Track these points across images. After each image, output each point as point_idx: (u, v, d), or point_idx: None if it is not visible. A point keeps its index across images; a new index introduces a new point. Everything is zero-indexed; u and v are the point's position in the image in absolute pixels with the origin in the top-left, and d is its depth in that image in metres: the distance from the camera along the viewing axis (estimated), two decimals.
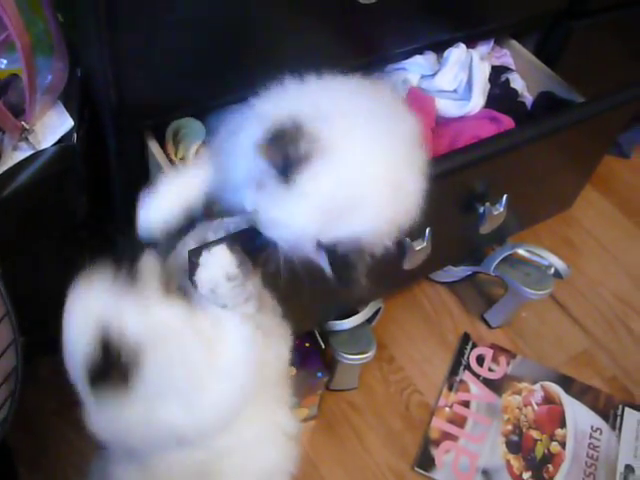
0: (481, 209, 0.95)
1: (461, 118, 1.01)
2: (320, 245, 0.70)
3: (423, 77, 1.04)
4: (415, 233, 0.90)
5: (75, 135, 0.83)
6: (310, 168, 0.67)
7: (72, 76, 0.85)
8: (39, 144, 0.82)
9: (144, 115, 0.83)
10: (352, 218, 0.68)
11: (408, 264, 0.92)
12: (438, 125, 1.02)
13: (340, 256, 0.71)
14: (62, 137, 0.83)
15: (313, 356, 1.05)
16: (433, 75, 1.03)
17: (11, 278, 0.74)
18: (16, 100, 0.79)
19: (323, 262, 0.72)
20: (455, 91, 1.03)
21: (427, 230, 0.90)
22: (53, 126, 0.83)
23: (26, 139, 0.81)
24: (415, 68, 1.04)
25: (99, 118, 0.86)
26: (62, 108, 0.84)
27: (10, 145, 0.80)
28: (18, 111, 0.79)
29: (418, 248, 0.90)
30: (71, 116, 0.84)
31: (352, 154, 0.69)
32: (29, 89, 0.76)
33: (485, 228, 0.98)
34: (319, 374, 1.03)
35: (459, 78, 1.02)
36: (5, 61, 0.84)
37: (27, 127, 0.80)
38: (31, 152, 0.81)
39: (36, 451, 1.03)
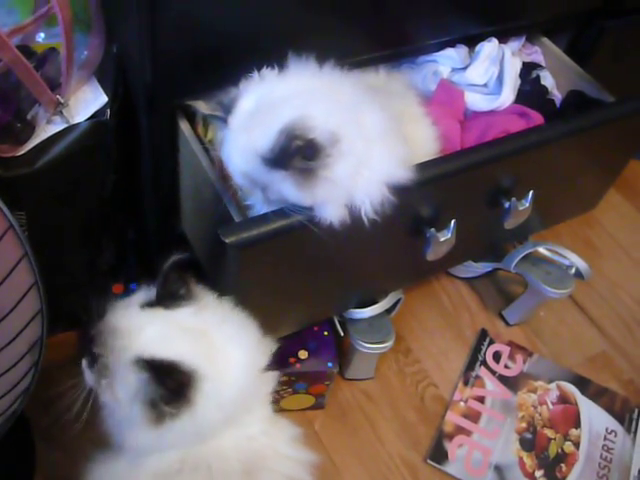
0: (507, 204, 0.95)
1: (491, 112, 1.01)
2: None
3: (454, 70, 1.04)
4: (440, 224, 0.90)
5: (108, 111, 0.84)
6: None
7: (108, 52, 0.86)
8: (72, 118, 0.83)
9: (177, 94, 0.83)
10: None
11: (431, 255, 0.92)
12: (467, 119, 1.02)
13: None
14: (95, 112, 0.84)
15: (328, 346, 1.05)
16: (464, 68, 1.03)
17: (37, 249, 0.75)
18: (53, 74, 0.80)
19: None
20: (485, 85, 1.03)
21: (452, 222, 0.90)
22: (87, 101, 0.84)
23: (60, 113, 0.82)
24: (446, 61, 1.04)
25: (132, 95, 0.87)
26: (96, 84, 0.85)
27: (45, 118, 0.81)
28: (54, 85, 0.80)
29: (442, 239, 0.90)
30: (105, 92, 0.85)
31: None
32: (67, 63, 0.77)
33: (510, 223, 0.98)
34: (329, 364, 1.03)
35: (490, 72, 1.02)
36: (43, 35, 0.85)
37: (62, 101, 0.81)
38: (64, 126, 0.82)
39: (54, 425, 1.04)
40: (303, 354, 1.02)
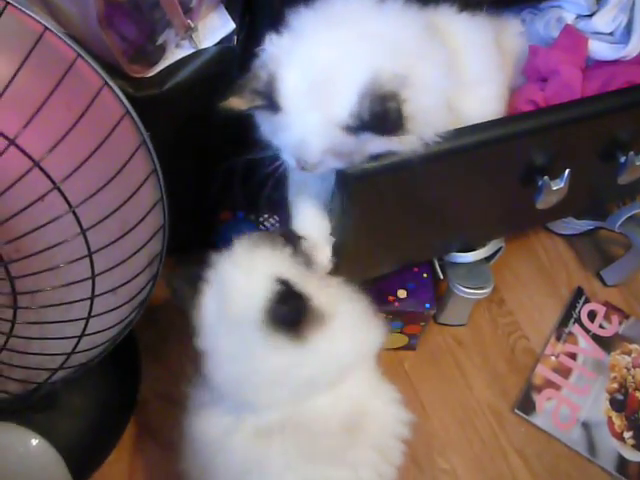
0: (623, 158, 0.93)
1: (615, 62, 0.97)
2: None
3: (579, 17, 1.00)
4: (554, 173, 0.89)
5: (235, 38, 0.85)
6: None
7: None
8: (200, 43, 0.85)
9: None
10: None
11: (542, 204, 0.90)
12: (590, 68, 0.98)
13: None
14: (222, 39, 0.85)
15: (427, 287, 1.06)
16: (590, 16, 0.99)
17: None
18: None
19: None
20: (612, 34, 0.99)
21: (567, 171, 0.89)
22: (215, 27, 0.85)
23: (190, 37, 0.84)
24: (572, 7, 1.00)
25: (257, 25, 0.89)
26: (224, 10, 0.87)
27: (174, 42, 0.83)
28: (186, 9, 0.82)
29: (555, 188, 0.89)
30: (232, 19, 0.86)
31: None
32: None
33: (624, 179, 0.95)
34: (427, 305, 1.04)
35: (618, 20, 0.98)
36: None
37: (192, 26, 0.83)
38: (193, 50, 0.84)
39: (158, 341, 1.10)
40: (402, 293, 1.04)
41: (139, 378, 1.05)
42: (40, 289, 0.71)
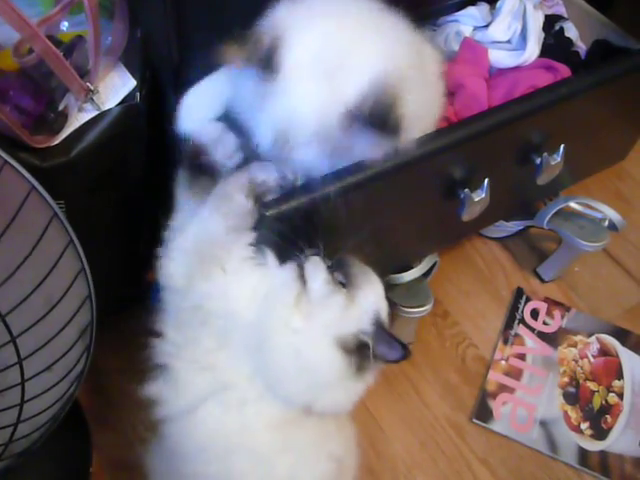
0: (538, 160, 0.95)
1: (517, 68, 1.00)
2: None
3: (476, 29, 1.03)
4: (474, 184, 0.90)
5: (138, 94, 0.84)
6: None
7: (132, 37, 0.86)
8: (103, 105, 0.83)
9: (205, 71, 0.83)
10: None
11: (466, 216, 0.92)
12: (493, 76, 1.01)
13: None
14: (125, 97, 0.84)
15: None
16: (486, 26, 1.02)
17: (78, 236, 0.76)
18: (81, 62, 0.80)
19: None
20: (509, 42, 1.02)
21: (486, 181, 0.90)
22: (116, 87, 0.84)
23: (91, 100, 0.82)
24: (468, 19, 1.03)
25: (159, 77, 0.88)
26: (123, 69, 0.86)
27: (76, 106, 0.82)
28: (83, 72, 0.81)
29: (477, 199, 0.90)
30: (133, 76, 0.85)
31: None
32: (95, 50, 0.77)
33: (542, 179, 0.98)
34: None
35: (513, 28, 1.01)
36: (67, 24, 0.85)
37: (92, 88, 0.81)
38: (96, 113, 0.83)
39: (106, 408, 1.07)
40: None
41: (90, 448, 1.02)
42: None
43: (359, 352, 0.71)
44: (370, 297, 0.73)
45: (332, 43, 0.67)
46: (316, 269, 0.73)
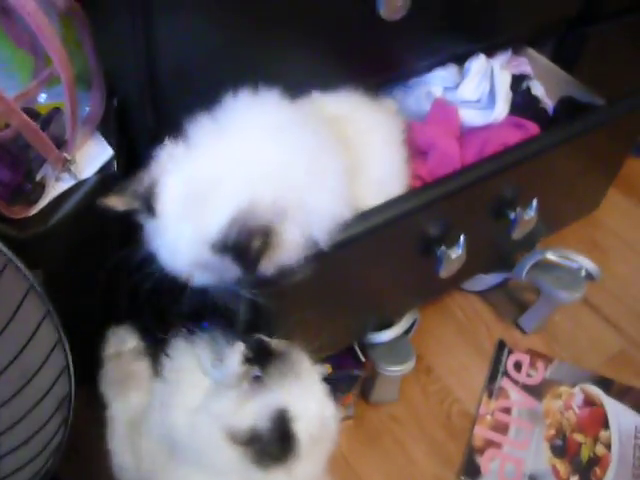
0: (512, 215, 0.97)
1: (487, 127, 1.02)
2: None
3: (446, 89, 1.06)
4: (450, 241, 0.92)
5: (115, 163, 0.85)
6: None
7: (109, 106, 0.87)
8: (80, 174, 0.84)
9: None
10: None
11: (444, 272, 0.93)
12: (464, 135, 1.03)
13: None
14: (102, 166, 0.85)
15: (349, 356, 1.06)
16: (456, 87, 1.05)
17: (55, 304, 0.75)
18: (58, 132, 0.81)
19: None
20: (478, 101, 1.05)
21: (462, 237, 0.92)
22: (93, 156, 0.85)
23: (69, 170, 0.83)
24: (438, 81, 1.05)
25: (135, 145, 0.89)
26: (101, 138, 0.87)
27: (53, 176, 0.82)
28: (60, 143, 0.81)
29: (454, 256, 0.91)
30: (110, 145, 0.86)
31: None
32: (71, 121, 0.78)
33: (517, 233, 0.99)
34: (355, 371, 1.06)
35: (482, 87, 1.04)
36: (45, 95, 0.87)
37: (69, 158, 0.82)
38: (73, 182, 0.83)
39: (80, 472, 1.03)
40: (328, 368, 1.03)
41: None
42: None
43: (256, 444, 0.70)
44: (275, 397, 0.71)
45: (199, 178, 0.71)
46: (231, 360, 0.74)
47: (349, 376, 1.06)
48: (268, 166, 0.71)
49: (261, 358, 0.73)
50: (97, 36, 0.83)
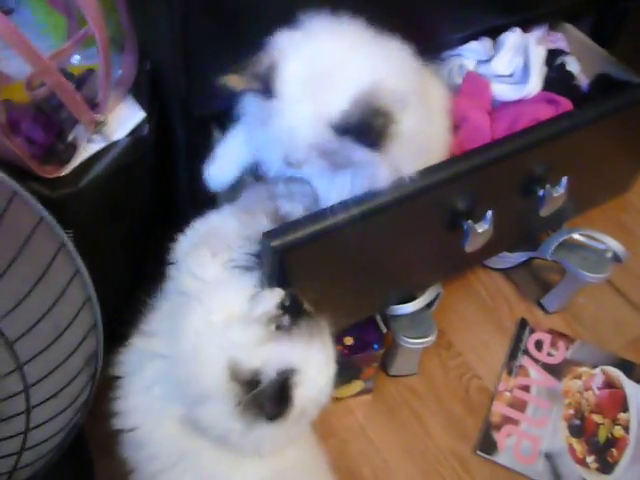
0: (541, 192, 0.96)
1: (519, 102, 1.01)
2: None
3: (479, 62, 1.05)
4: (477, 215, 0.91)
5: (147, 126, 0.86)
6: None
7: (141, 69, 0.87)
8: (112, 136, 0.85)
9: (212, 104, 0.85)
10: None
11: (470, 247, 0.92)
12: (496, 109, 1.02)
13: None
14: (134, 129, 0.86)
15: (370, 327, 1.07)
16: (489, 60, 1.04)
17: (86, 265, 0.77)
18: (91, 94, 0.82)
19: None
20: (511, 75, 1.04)
21: (489, 212, 0.91)
22: (125, 118, 0.86)
23: (100, 131, 0.84)
24: (471, 54, 1.04)
25: (167, 109, 0.89)
26: (133, 101, 0.87)
27: (85, 138, 0.83)
28: (93, 104, 0.82)
29: (480, 230, 0.91)
30: (142, 108, 0.87)
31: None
32: (104, 83, 0.79)
33: (545, 211, 0.98)
34: (375, 346, 1.06)
35: (515, 62, 1.03)
36: (78, 57, 0.87)
37: (101, 120, 0.83)
38: (105, 144, 0.84)
39: (108, 435, 1.06)
40: (348, 340, 1.05)
41: (92, 477, 1.01)
42: None
43: (247, 389, 0.69)
44: (290, 354, 0.71)
45: (320, 61, 0.71)
46: (269, 299, 0.74)
47: (370, 351, 1.06)
48: (390, 59, 0.73)
49: (293, 312, 0.73)
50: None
